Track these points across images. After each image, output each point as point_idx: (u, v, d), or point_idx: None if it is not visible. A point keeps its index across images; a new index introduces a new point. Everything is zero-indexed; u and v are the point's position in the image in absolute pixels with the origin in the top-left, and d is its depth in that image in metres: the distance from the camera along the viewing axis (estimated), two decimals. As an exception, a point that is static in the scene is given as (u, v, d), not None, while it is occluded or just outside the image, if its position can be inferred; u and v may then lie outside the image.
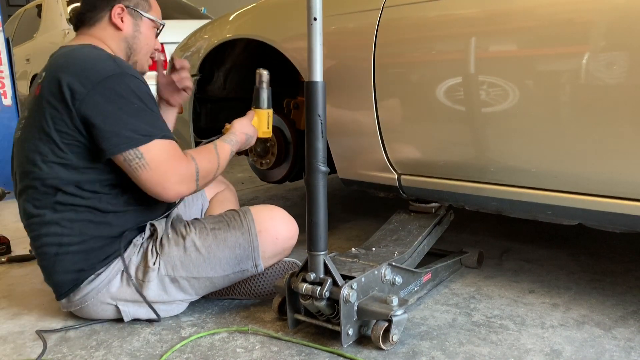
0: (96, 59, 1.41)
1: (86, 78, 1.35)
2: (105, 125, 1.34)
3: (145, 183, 1.39)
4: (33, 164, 1.41)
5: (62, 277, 1.46)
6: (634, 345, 1.32)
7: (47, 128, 1.38)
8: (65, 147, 1.38)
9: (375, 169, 1.76)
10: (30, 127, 1.44)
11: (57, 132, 1.37)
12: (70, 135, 1.38)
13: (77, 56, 1.42)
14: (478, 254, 1.84)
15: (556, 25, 1.33)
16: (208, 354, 1.36)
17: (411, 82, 1.62)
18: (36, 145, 1.41)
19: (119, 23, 1.53)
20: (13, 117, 3.65)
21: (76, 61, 1.40)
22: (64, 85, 1.35)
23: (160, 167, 1.38)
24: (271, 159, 2.19)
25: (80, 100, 1.34)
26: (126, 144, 1.35)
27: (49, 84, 1.39)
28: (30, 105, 1.45)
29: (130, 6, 1.55)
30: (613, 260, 1.88)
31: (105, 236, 1.45)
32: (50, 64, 1.45)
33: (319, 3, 1.26)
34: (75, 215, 1.42)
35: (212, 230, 1.51)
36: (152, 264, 1.45)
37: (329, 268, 1.31)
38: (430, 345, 1.35)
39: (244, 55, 2.26)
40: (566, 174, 1.39)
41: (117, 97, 1.36)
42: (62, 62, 1.41)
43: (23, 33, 5.56)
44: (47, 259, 1.46)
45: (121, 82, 1.37)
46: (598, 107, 1.29)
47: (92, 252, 1.44)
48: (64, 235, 1.42)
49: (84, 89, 1.34)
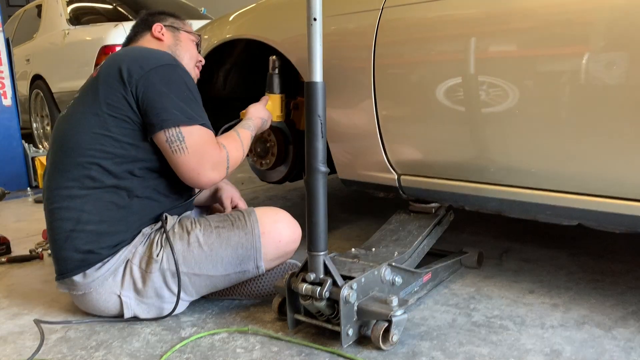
0: (154, 51, 1.56)
1: (145, 63, 1.47)
2: (156, 103, 1.44)
3: (181, 167, 1.47)
4: (76, 134, 1.47)
5: (69, 254, 1.46)
6: (633, 345, 1.32)
7: (98, 101, 1.46)
8: (112, 121, 1.45)
9: (375, 169, 1.76)
10: (79, 104, 1.52)
11: (107, 106, 1.45)
12: (121, 110, 1.45)
13: (136, 49, 1.61)
14: (478, 254, 1.84)
15: (556, 26, 1.33)
16: (208, 354, 1.36)
17: (411, 83, 1.62)
18: (84, 115, 1.48)
19: (160, 36, 1.72)
20: (13, 117, 3.65)
21: (135, 51, 1.56)
22: (123, 67, 1.46)
23: (197, 152, 1.46)
24: (271, 160, 2.19)
25: (137, 78, 1.44)
26: (172, 121, 1.44)
27: (107, 68, 1.50)
28: (84, 87, 1.56)
29: (166, 24, 1.75)
30: (613, 260, 1.88)
31: (122, 221, 1.48)
32: (108, 59, 1.56)
33: (319, 3, 1.26)
34: (101, 193, 1.46)
35: (216, 228, 1.52)
36: (156, 255, 1.47)
37: (329, 268, 1.31)
38: (430, 346, 1.35)
39: (244, 55, 2.26)
40: (566, 174, 1.39)
41: (170, 82, 1.47)
42: (121, 53, 1.55)
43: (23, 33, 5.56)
44: (60, 233, 1.47)
45: (175, 71, 1.50)
46: (598, 107, 1.29)
47: (105, 235, 1.46)
48: (84, 212, 1.45)
49: (141, 70, 1.45)
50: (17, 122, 3.68)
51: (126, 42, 1.78)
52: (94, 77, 1.51)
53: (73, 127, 1.49)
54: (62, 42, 4.67)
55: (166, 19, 1.77)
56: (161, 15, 1.78)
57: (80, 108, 1.50)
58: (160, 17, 1.77)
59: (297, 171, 2.23)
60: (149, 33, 1.72)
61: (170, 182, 1.55)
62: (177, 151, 1.45)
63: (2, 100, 3.62)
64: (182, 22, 1.81)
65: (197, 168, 1.46)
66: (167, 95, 1.45)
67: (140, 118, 1.46)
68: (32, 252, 2.18)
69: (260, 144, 2.20)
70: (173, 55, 1.64)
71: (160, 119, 1.44)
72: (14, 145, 3.65)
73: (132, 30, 1.77)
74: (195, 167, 1.46)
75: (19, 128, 3.70)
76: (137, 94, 1.44)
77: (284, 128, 2.18)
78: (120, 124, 1.46)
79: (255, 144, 2.21)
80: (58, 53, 4.71)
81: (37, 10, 5.39)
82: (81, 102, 1.51)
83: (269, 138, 2.17)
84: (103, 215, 1.46)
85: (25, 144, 3.74)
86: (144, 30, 1.74)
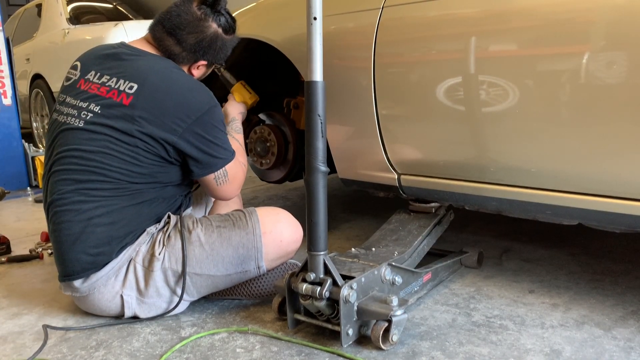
0: (193, 87, 1.52)
1: (189, 110, 1.47)
2: (202, 157, 1.51)
3: (219, 193, 1.62)
4: (100, 155, 1.44)
5: (78, 256, 1.45)
6: (633, 345, 1.32)
7: (132, 132, 1.43)
8: (144, 153, 1.46)
9: (375, 169, 1.76)
10: (103, 124, 1.45)
11: (142, 142, 1.45)
12: (156, 149, 1.47)
13: (174, 81, 1.50)
14: (478, 254, 1.84)
15: (556, 25, 1.33)
16: (208, 354, 1.36)
17: (411, 82, 1.62)
18: (112, 140, 1.44)
19: (195, 72, 1.67)
20: (13, 117, 3.65)
21: (174, 87, 1.49)
22: (166, 113, 1.45)
23: (235, 180, 1.61)
24: (271, 159, 2.19)
25: (181, 132, 1.46)
26: (220, 166, 1.56)
27: (146, 100, 1.45)
28: (109, 108, 1.46)
29: (213, 61, 1.67)
30: (613, 260, 1.88)
31: (132, 222, 1.48)
32: (142, 78, 1.47)
33: (319, 3, 1.26)
34: (114, 199, 1.45)
35: (217, 228, 1.52)
36: (158, 253, 1.47)
37: (329, 268, 1.31)
38: (430, 346, 1.35)
39: (244, 55, 2.26)
40: (566, 174, 1.39)
41: (212, 129, 1.51)
42: (162, 87, 1.47)
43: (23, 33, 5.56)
44: (69, 235, 1.45)
45: (214, 114, 1.52)
46: (598, 107, 1.29)
47: (115, 237, 1.46)
48: (94, 215, 1.44)
49: (184, 123, 1.46)
50: (17, 121, 3.68)
51: (161, 44, 1.58)
52: (127, 105, 1.44)
53: (96, 146, 1.44)
54: (62, 42, 4.67)
55: (217, 54, 1.64)
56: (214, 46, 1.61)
57: (106, 131, 1.44)
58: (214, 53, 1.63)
59: (297, 171, 2.23)
60: (189, 65, 1.63)
61: (178, 186, 1.59)
62: (222, 184, 1.59)
63: (2, 100, 3.62)
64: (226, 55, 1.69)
65: (232, 190, 1.63)
66: (211, 143, 1.51)
67: (177, 159, 1.51)
68: (32, 252, 2.17)
69: (260, 144, 2.20)
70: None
71: (209, 170, 1.54)
72: (14, 145, 3.65)
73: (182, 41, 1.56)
74: (231, 190, 1.63)
75: (19, 127, 3.70)
76: (180, 146, 1.47)
77: (284, 127, 2.18)
78: (152, 157, 1.47)
79: (255, 144, 2.21)
80: (58, 52, 4.71)
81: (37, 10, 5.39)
82: (106, 124, 1.45)
83: (269, 138, 2.17)
84: (114, 218, 1.45)
85: (25, 143, 3.74)
86: (190, 59, 1.61)
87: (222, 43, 1.63)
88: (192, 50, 1.59)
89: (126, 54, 1.55)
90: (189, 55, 1.60)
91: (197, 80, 1.59)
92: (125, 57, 1.54)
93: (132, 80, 1.47)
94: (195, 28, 1.57)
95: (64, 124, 1.51)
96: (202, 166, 1.53)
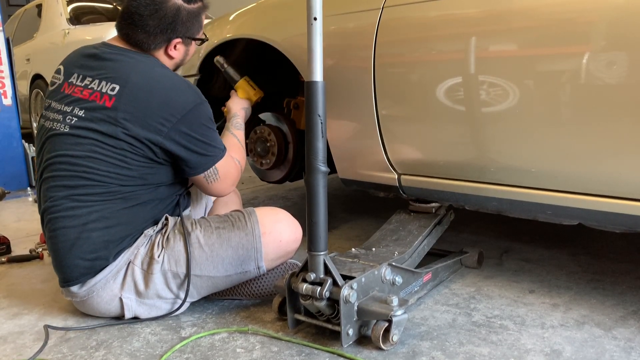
0: (176, 84, 1.49)
1: (173, 109, 1.45)
2: (190, 156, 1.49)
3: (211, 191, 1.60)
4: (87, 160, 1.43)
5: (76, 262, 1.44)
6: (634, 345, 1.32)
7: (117, 135, 1.42)
8: (131, 155, 1.44)
9: (376, 169, 1.76)
10: (86, 128, 1.43)
11: (128, 144, 1.43)
12: (143, 151, 1.45)
13: (155, 80, 1.48)
14: (478, 254, 1.84)
15: (556, 25, 1.33)
16: (208, 354, 1.36)
17: (411, 82, 1.62)
18: (97, 144, 1.43)
19: (173, 53, 1.59)
20: (13, 117, 3.65)
21: (157, 85, 1.46)
22: (151, 113, 1.43)
23: (226, 177, 1.59)
24: (271, 159, 2.19)
25: (166, 132, 1.44)
26: (209, 164, 1.53)
27: (128, 101, 1.42)
28: (92, 111, 1.44)
29: (186, 35, 1.58)
30: (613, 260, 1.88)
31: (128, 226, 1.47)
32: (121, 79, 1.45)
33: (319, 3, 1.26)
34: (108, 203, 1.45)
35: (216, 229, 1.52)
36: (157, 256, 1.47)
37: (329, 268, 1.31)
38: (431, 346, 1.35)
39: (244, 55, 2.26)
40: (566, 174, 1.39)
41: (198, 126, 1.49)
42: (143, 85, 1.45)
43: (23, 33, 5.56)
44: (65, 242, 1.44)
45: (200, 111, 1.49)
46: (598, 107, 1.29)
47: (111, 241, 1.45)
48: (89, 220, 1.43)
49: (169, 122, 1.44)
50: (17, 121, 3.68)
51: (128, 37, 1.53)
52: (109, 107, 1.42)
53: (82, 151, 1.43)
54: (62, 42, 4.68)
55: (188, 28, 1.57)
56: (188, 21, 1.56)
57: (92, 134, 1.43)
58: (183, 27, 1.56)
59: (297, 171, 2.23)
60: (164, 47, 1.56)
61: (172, 185, 1.57)
62: (212, 182, 1.57)
63: (2, 100, 3.62)
64: (199, 24, 1.62)
65: (225, 188, 1.61)
66: (198, 142, 1.48)
67: (166, 159, 1.49)
68: (32, 252, 2.17)
69: (261, 144, 2.20)
70: (175, 66, 1.64)
71: (199, 169, 1.52)
72: (14, 145, 3.65)
73: (146, 28, 1.50)
74: (224, 187, 1.61)
75: (19, 128, 3.71)
76: (166, 147, 1.45)
77: (284, 128, 2.18)
78: (140, 159, 1.45)
79: (255, 144, 2.21)
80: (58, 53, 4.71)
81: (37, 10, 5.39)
82: (90, 127, 1.43)
83: (269, 138, 2.17)
84: (109, 222, 1.45)
85: (25, 143, 3.74)
86: (161, 41, 1.54)
87: (188, 13, 1.55)
88: (159, 32, 1.52)
89: (108, 53, 1.51)
90: (157, 38, 1.53)
91: (182, 78, 1.55)
92: (107, 56, 1.51)
93: (113, 81, 1.45)
94: (153, 8, 1.50)
95: (50, 130, 1.49)
96: (191, 165, 1.51)
